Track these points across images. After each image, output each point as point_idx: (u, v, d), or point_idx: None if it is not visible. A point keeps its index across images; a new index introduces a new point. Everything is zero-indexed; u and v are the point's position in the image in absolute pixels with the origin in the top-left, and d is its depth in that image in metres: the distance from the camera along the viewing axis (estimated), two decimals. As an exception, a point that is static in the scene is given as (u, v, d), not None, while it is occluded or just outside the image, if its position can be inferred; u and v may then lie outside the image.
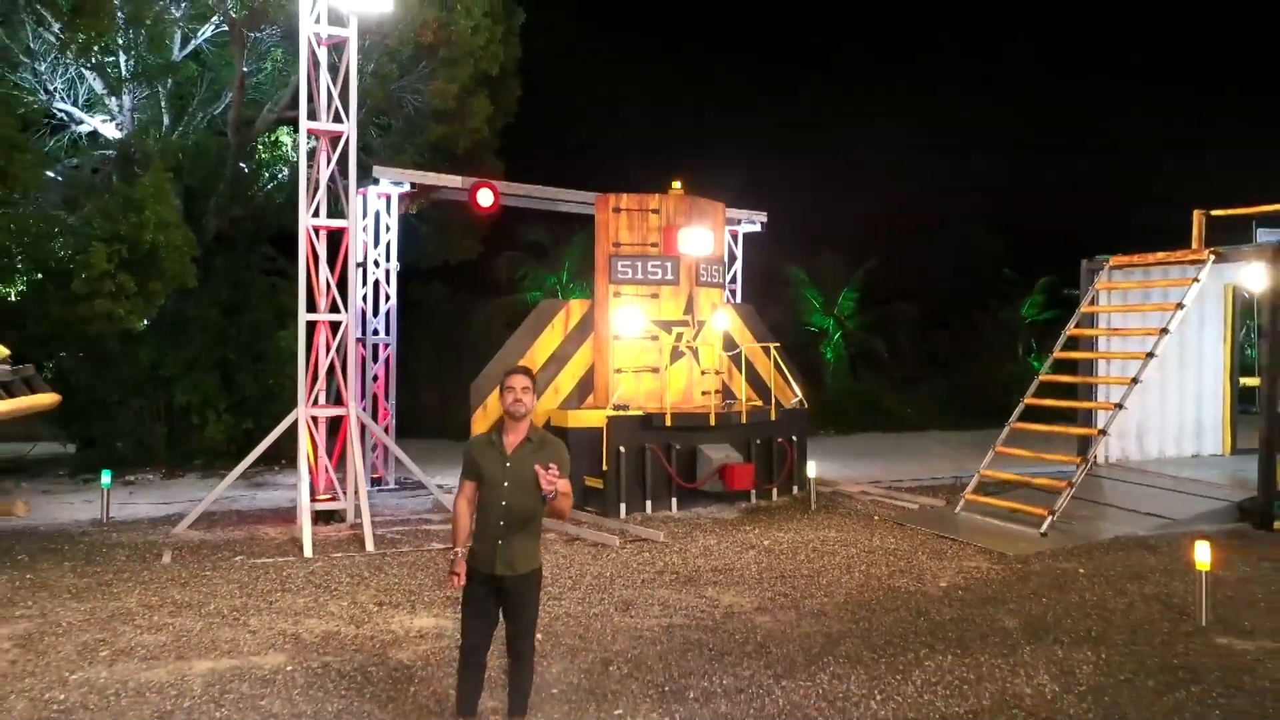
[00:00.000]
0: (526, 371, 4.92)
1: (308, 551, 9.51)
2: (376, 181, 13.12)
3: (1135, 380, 10.41)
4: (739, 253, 16.93)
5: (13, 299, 14.75)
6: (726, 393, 13.32)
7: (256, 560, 9.22)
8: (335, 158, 10.84)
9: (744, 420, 12.50)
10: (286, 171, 16.66)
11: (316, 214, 10.83)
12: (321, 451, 11.00)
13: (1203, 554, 7.13)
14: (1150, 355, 10.42)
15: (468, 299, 23.49)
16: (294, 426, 10.71)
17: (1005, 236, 29.68)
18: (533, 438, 4.84)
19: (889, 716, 5.46)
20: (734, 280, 16.81)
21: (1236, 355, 13.48)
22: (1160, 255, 11.46)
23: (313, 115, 10.76)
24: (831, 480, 14.20)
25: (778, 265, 25.78)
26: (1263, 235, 13.32)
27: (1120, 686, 5.94)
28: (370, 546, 9.77)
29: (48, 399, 8.06)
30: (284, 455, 15.71)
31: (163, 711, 5.45)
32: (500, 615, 4.90)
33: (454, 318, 22.85)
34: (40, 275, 13.15)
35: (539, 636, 5.20)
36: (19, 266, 12.81)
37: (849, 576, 8.70)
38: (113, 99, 15.52)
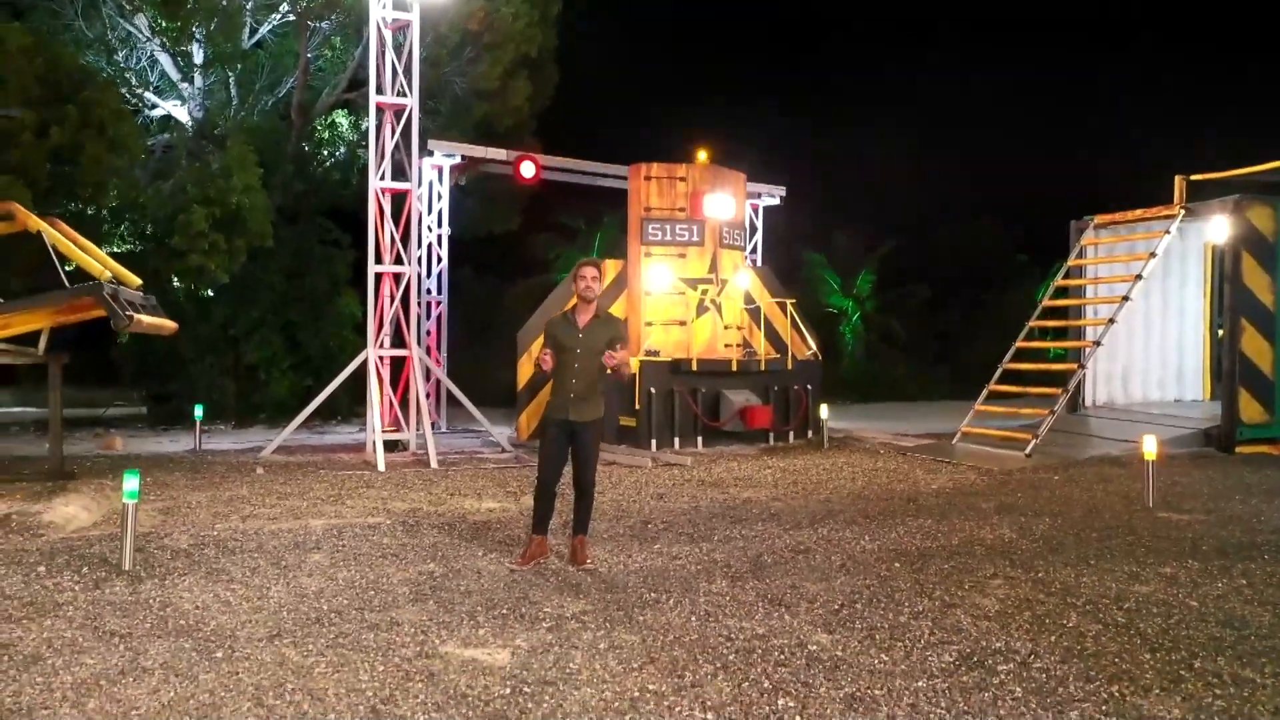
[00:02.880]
0: (595, 263, 6.31)
1: (380, 466, 10.94)
2: (431, 154, 14.58)
3: (1111, 320, 11.65)
4: (759, 224, 18.25)
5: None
6: (747, 346, 14.63)
7: (339, 472, 10.66)
8: (399, 128, 12.27)
9: (763, 369, 13.81)
10: (343, 150, 18.14)
11: (383, 178, 12.26)
12: (386, 388, 12.43)
13: (1149, 446, 8.39)
14: (1125, 299, 11.66)
15: (498, 281, 25.00)
16: (362, 367, 12.17)
17: (1021, 226, 30.69)
18: (600, 315, 6.27)
19: (874, 549, 6.79)
20: (754, 250, 18.13)
21: (1216, 308, 14.64)
22: (1138, 212, 12.69)
23: (379, 90, 12.18)
24: (844, 429, 15.46)
25: (798, 248, 27.11)
26: None
27: (1067, 536, 7.24)
28: (434, 464, 11.20)
29: (170, 325, 9.51)
30: (340, 412, 17.27)
31: (296, 542, 6.87)
32: (569, 456, 6.30)
33: (488, 297, 24.33)
34: (136, 240, 14.73)
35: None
36: (120, 233, 14.37)
37: (853, 483, 10.02)
38: (186, 84, 17.07)
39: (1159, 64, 36.06)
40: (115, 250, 16.41)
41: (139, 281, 9.13)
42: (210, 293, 17.74)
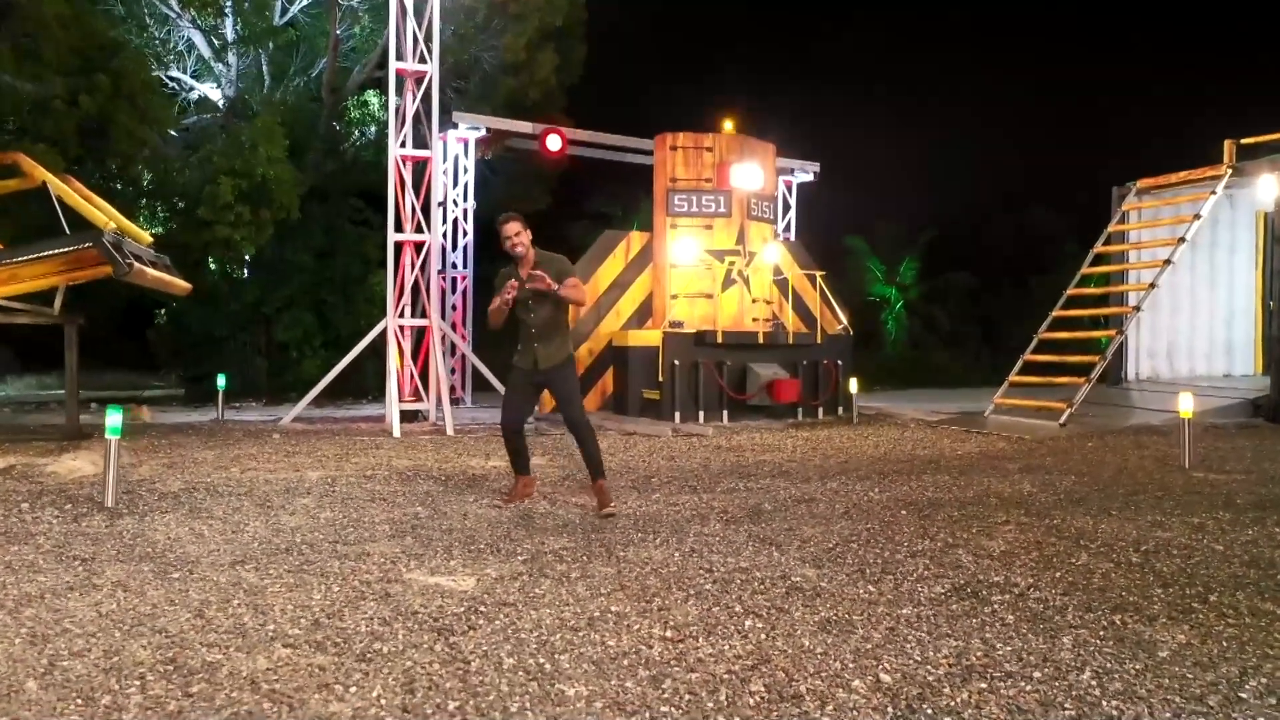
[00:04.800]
0: (515, 218, 6.00)
1: (396, 433, 10.84)
2: (455, 126, 14.46)
3: (1152, 285, 11.13)
4: (792, 201, 17.89)
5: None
6: (776, 320, 14.28)
7: (353, 437, 10.56)
8: (420, 94, 12.17)
9: (790, 342, 13.46)
10: (374, 130, 18.15)
11: (404, 145, 12.16)
12: (407, 358, 12.34)
13: (1186, 404, 7.94)
14: (1167, 262, 11.13)
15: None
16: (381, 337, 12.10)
17: (1072, 215, 29.74)
18: (540, 260, 6.04)
19: (882, 500, 6.47)
20: (787, 228, 17.77)
21: (1268, 280, 13.96)
22: (1183, 174, 12.12)
23: (400, 57, 12.09)
24: (878, 408, 15.05)
25: (838, 233, 26.63)
26: None
27: (1092, 491, 6.85)
28: (450, 431, 11.07)
29: (182, 284, 9.48)
30: (370, 391, 17.27)
31: (288, 488, 6.74)
32: (534, 406, 6.19)
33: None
34: (167, 216, 14.89)
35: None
36: (154, 209, 14.51)
37: (875, 450, 9.66)
38: (220, 64, 17.21)
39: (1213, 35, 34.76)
40: (151, 231, 16.65)
41: (150, 239, 9.12)
42: (246, 272, 17.94)
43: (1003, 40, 38.30)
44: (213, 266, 17.22)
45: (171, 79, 17.73)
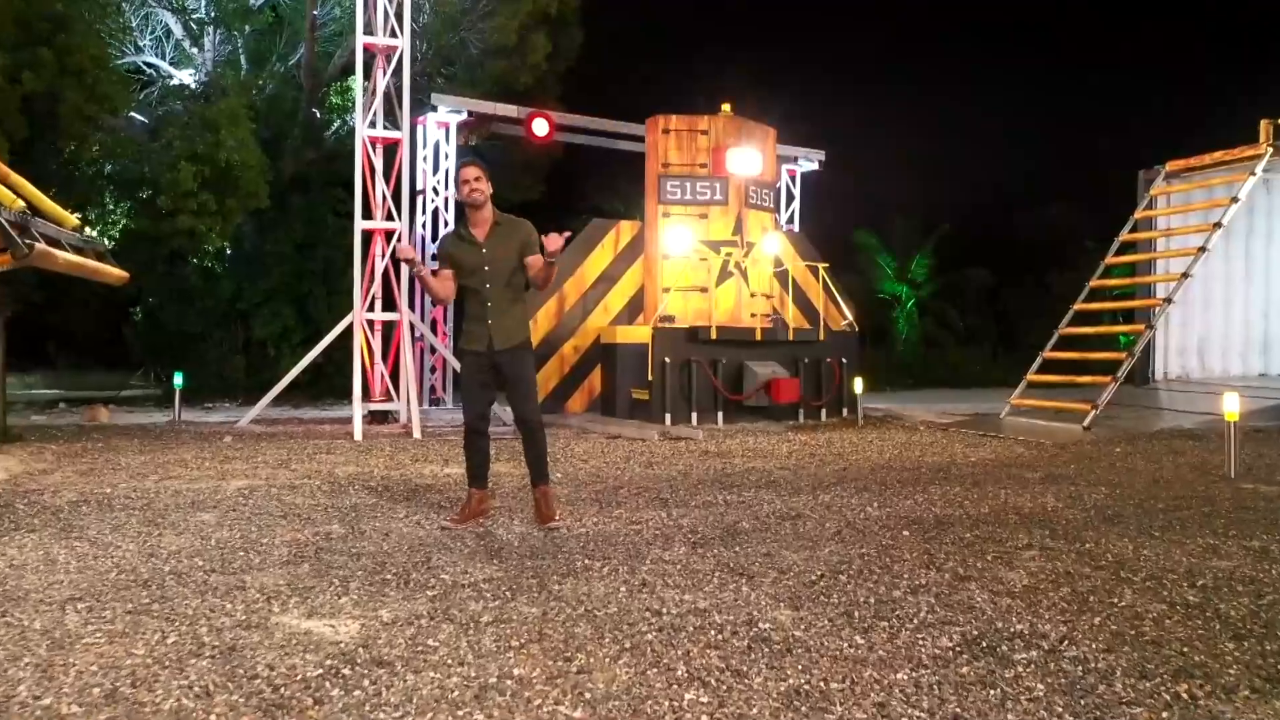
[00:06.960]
0: (477, 162, 5.16)
1: (358, 435, 9.97)
2: (435, 109, 13.58)
3: (1185, 275, 10.14)
4: (796, 191, 16.96)
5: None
6: (776, 315, 13.34)
7: (310, 440, 9.69)
8: (390, 70, 11.29)
9: (791, 338, 12.52)
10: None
11: (373, 126, 11.30)
12: (377, 358, 11.47)
13: (1231, 404, 6.98)
14: (1202, 250, 10.14)
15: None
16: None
17: (1094, 210, 28.66)
18: (500, 221, 5.14)
19: (881, 516, 5.54)
20: (791, 220, 16.85)
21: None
22: (1218, 155, 11.11)
23: (368, 31, 11.23)
24: (885, 409, 14.10)
25: (848, 226, 25.66)
26: None
27: (1127, 506, 5.89)
28: (417, 434, 10.19)
29: (114, 272, 8.61)
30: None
31: (194, 501, 5.86)
32: (498, 393, 5.23)
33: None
34: (130, 205, 14.06)
35: (557, 476, 5.44)
36: (119, 200, 13.68)
37: (879, 456, 8.72)
38: (196, 50, 16.40)
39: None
40: (121, 226, 15.82)
41: (75, 222, 8.27)
42: (226, 265, 17.12)
43: (1018, 28, 37.23)
44: (194, 261, 16.42)
45: (149, 65, 16.96)
